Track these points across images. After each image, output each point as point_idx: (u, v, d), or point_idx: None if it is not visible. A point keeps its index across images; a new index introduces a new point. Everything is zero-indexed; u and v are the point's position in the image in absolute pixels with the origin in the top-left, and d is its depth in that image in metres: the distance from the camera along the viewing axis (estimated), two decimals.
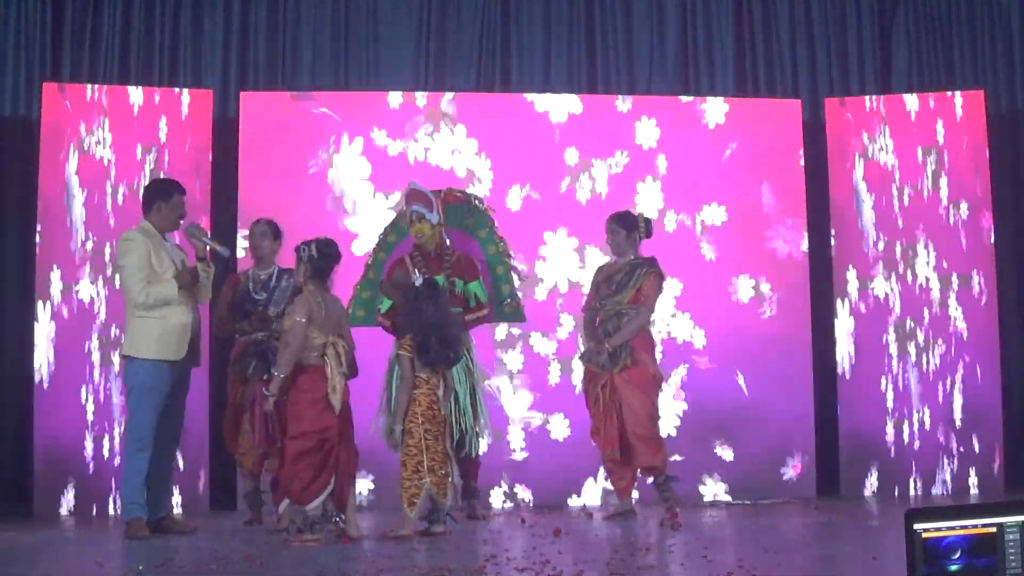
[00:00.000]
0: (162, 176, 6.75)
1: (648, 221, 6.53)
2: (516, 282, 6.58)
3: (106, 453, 6.91)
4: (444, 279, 6.22)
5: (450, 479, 5.56)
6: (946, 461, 7.50)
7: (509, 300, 6.50)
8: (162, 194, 5.90)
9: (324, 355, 5.39)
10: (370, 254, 6.57)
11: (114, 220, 7.04)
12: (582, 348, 6.76)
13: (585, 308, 6.60)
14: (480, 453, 6.37)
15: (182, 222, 5.96)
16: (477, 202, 6.59)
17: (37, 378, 6.93)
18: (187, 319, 5.76)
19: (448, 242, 6.40)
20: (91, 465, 6.89)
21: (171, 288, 5.70)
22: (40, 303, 6.95)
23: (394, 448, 5.63)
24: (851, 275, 7.72)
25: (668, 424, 7.41)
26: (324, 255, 5.48)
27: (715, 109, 7.78)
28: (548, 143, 7.60)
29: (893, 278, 7.65)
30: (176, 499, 6.88)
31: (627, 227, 6.44)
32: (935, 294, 7.59)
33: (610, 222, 6.50)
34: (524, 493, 7.31)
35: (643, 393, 6.27)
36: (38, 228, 7.03)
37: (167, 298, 5.70)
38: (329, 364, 5.38)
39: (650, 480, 6.42)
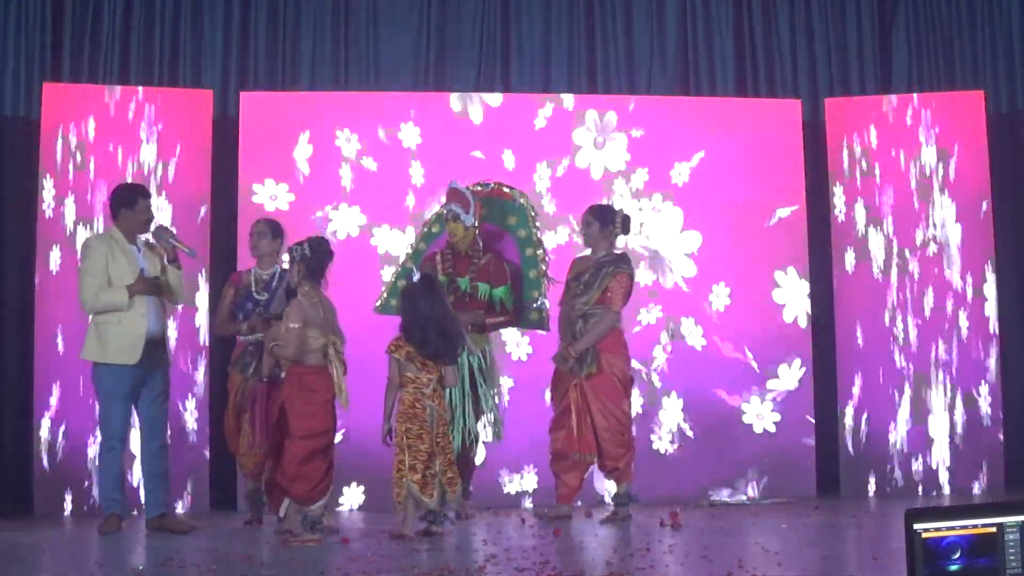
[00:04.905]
0: (128, 182, 6.74)
1: (627, 218, 6.36)
2: (545, 287, 6.48)
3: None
4: (467, 282, 6.24)
5: (438, 479, 5.47)
6: (946, 461, 7.50)
7: (536, 307, 6.45)
8: (126, 200, 5.99)
9: (326, 355, 5.42)
10: (411, 245, 6.62)
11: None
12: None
13: (560, 304, 6.39)
14: (475, 454, 6.38)
15: (151, 226, 6.03)
16: (524, 200, 6.57)
17: (38, 379, 6.93)
18: (142, 324, 5.82)
19: (481, 244, 6.39)
20: (91, 465, 6.89)
21: (121, 295, 5.79)
22: (40, 303, 6.95)
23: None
24: (851, 275, 7.72)
25: (669, 424, 7.46)
26: (317, 253, 5.52)
27: (714, 109, 7.79)
28: (546, 141, 7.60)
29: (893, 277, 7.65)
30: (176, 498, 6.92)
31: (602, 220, 6.26)
32: (936, 294, 7.59)
33: (586, 213, 6.34)
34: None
35: (609, 399, 6.14)
36: (38, 228, 7.04)
37: (116, 305, 5.80)
38: (333, 364, 5.41)
39: (611, 484, 6.28)
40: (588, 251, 6.39)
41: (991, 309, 7.61)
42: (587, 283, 6.18)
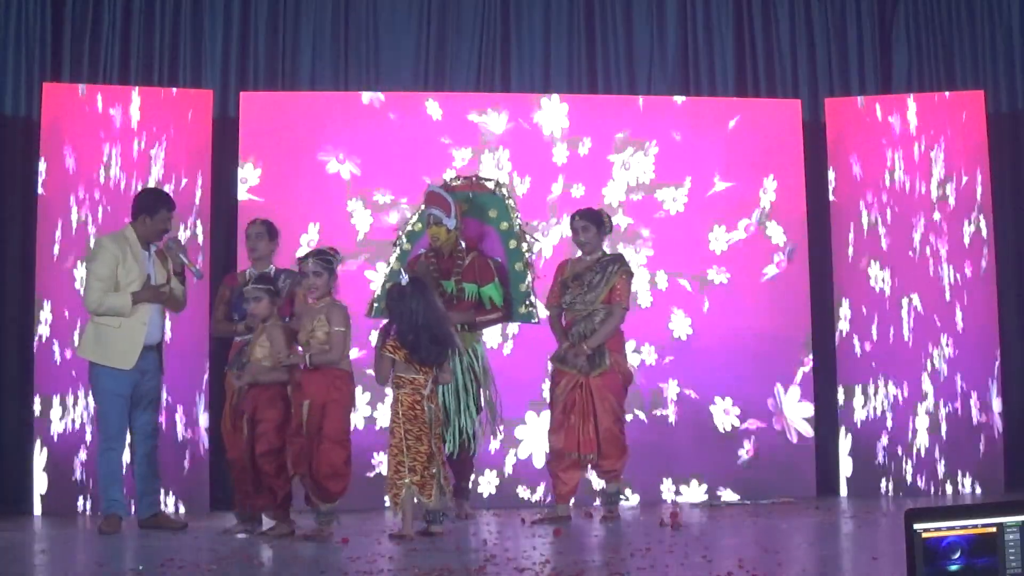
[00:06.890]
0: (155, 188, 6.76)
1: (610, 216, 6.53)
2: (531, 279, 6.49)
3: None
4: (452, 284, 6.23)
5: (437, 479, 5.49)
6: (946, 461, 7.49)
7: (527, 301, 6.47)
8: (149, 207, 6.03)
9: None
10: (396, 246, 6.62)
11: (114, 220, 7.03)
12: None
13: (549, 305, 6.41)
14: (474, 454, 6.38)
15: (166, 236, 6.08)
16: (503, 191, 6.59)
17: (37, 377, 6.93)
18: (141, 331, 5.88)
19: (463, 244, 6.39)
20: (90, 465, 6.88)
21: (125, 300, 5.84)
22: (40, 303, 6.96)
23: None
24: (851, 275, 7.72)
25: (661, 422, 7.46)
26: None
27: (715, 109, 7.79)
28: (546, 143, 7.60)
29: (893, 278, 7.65)
30: (176, 499, 6.94)
31: (597, 223, 6.33)
32: (936, 293, 7.59)
33: (580, 219, 6.34)
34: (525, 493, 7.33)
35: (615, 395, 6.20)
36: (38, 228, 7.03)
37: (119, 310, 5.85)
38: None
39: (602, 485, 6.33)
40: (579, 253, 6.42)
41: (991, 309, 7.61)
42: (591, 282, 6.23)
